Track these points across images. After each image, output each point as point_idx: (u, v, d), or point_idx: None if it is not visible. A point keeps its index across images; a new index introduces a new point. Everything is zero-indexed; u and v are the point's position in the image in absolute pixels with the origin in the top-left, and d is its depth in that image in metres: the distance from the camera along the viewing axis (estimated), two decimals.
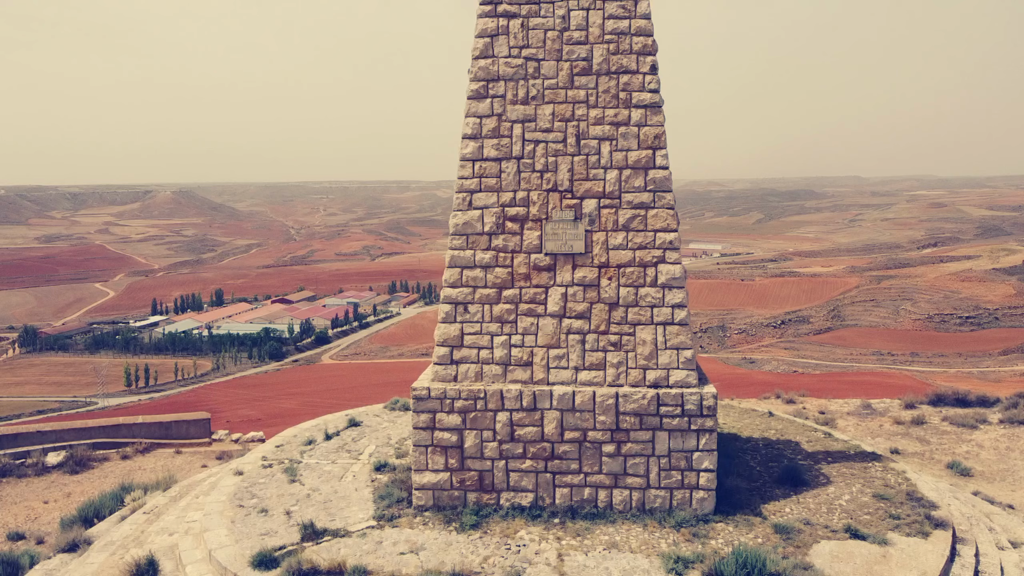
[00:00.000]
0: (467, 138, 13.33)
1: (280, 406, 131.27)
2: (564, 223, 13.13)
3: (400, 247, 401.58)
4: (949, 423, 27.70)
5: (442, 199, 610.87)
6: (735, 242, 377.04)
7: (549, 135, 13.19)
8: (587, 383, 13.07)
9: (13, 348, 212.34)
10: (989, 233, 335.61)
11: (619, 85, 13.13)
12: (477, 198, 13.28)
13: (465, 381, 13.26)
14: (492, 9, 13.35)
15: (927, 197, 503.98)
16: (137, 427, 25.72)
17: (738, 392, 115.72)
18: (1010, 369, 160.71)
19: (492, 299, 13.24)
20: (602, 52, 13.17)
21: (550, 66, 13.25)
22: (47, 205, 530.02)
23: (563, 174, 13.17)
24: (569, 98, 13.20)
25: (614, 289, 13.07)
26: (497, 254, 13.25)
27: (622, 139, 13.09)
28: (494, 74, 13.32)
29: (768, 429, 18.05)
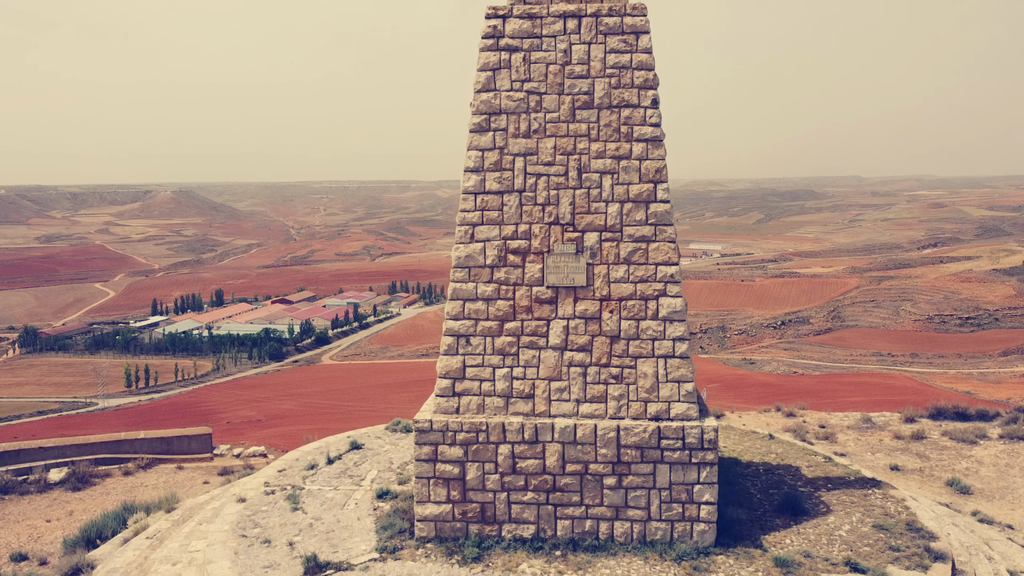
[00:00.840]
0: (469, 171, 13.40)
1: (280, 407, 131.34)
2: (566, 256, 13.20)
3: (400, 247, 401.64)
4: (949, 438, 27.79)
5: (442, 199, 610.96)
6: (735, 242, 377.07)
7: (551, 168, 13.26)
8: (589, 416, 13.14)
9: (13, 348, 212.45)
10: (989, 233, 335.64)
11: (620, 119, 13.20)
12: (479, 231, 13.35)
13: (467, 413, 13.33)
14: (494, 43, 13.41)
15: (927, 197, 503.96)
16: (139, 442, 25.79)
17: (738, 393, 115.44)
18: (1010, 370, 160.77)
19: (494, 331, 13.31)
20: (603, 86, 13.23)
21: (552, 100, 13.32)
22: (47, 205, 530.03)
23: (565, 207, 13.24)
24: (571, 132, 13.27)
25: (615, 322, 13.14)
26: (499, 287, 13.32)
27: (623, 173, 13.16)
28: (496, 107, 13.38)
29: (768, 453, 18.12)
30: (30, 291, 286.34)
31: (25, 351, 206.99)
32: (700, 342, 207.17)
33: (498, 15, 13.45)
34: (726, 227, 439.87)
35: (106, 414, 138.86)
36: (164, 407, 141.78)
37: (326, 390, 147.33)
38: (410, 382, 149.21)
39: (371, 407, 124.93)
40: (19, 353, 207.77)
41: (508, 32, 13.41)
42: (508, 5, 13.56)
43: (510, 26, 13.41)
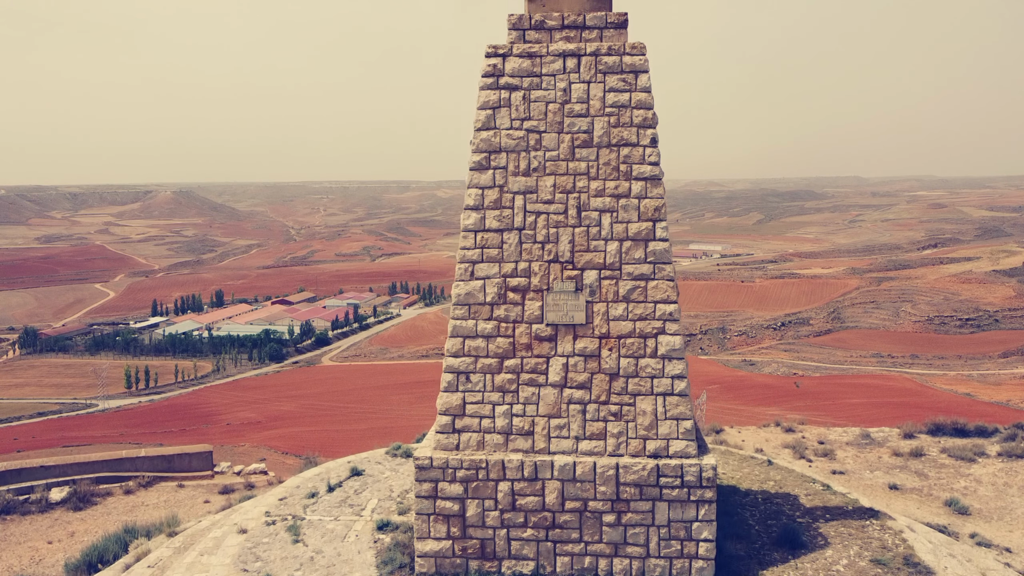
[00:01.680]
0: (469, 209, 13.48)
1: (280, 409, 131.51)
2: (565, 294, 13.28)
3: (400, 247, 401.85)
4: (947, 455, 27.86)
5: (442, 199, 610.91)
6: (735, 243, 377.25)
7: (550, 207, 13.34)
8: (588, 453, 13.22)
9: (13, 349, 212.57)
10: (989, 234, 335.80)
11: (620, 157, 13.28)
12: (479, 268, 13.43)
13: (467, 450, 13.41)
14: (494, 81, 13.49)
15: (927, 198, 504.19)
16: (140, 460, 25.87)
17: (738, 395, 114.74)
18: (1010, 372, 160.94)
19: (494, 369, 13.39)
20: (603, 125, 13.31)
21: (551, 138, 13.39)
22: (47, 205, 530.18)
23: (564, 245, 13.32)
24: (570, 170, 13.35)
25: (615, 360, 13.22)
26: (499, 324, 13.40)
27: (623, 211, 13.24)
28: (496, 146, 13.46)
29: (767, 480, 18.20)
30: (30, 292, 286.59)
31: (25, 352, 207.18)
32: (700, 343, 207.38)
33: (498, 54, 13.53)
34: (726, 227, 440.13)
35: (106, 415, 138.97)
36: (164, 408, 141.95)
37: (326, 391, 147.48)
38: (410, 383, 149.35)
39: (371, 408, 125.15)
40: (19, 354, 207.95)
41: (508, 71, 13.49)
42: (508, 44, 13.64)
43: (510, 65, 13.49)
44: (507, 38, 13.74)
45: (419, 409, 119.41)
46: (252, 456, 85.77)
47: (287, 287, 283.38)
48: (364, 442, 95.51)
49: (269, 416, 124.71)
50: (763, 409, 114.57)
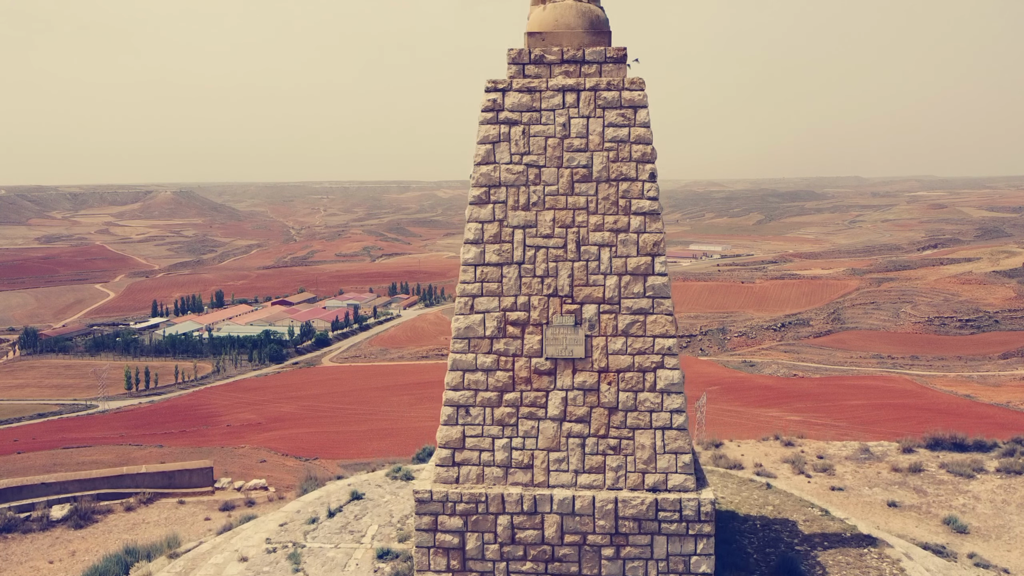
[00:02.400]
0: (469, 243, 13.54)
1: (280, 410, 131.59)
2: (564, 328, 13.35)
3: (400, 248, 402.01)
4: (946, 471, 27.93)
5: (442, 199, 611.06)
6: (735, 243, 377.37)
7: (550, 241, 13.41)
8: (587, 486, 13.29)
9: (13, 350, 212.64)
10: (989, 235, 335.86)
11: (619, 192, 13.34)
12: (479, 302, 13.50)
13: (467, 483, 13.48)
14: (494, 116, 13.55)
15: (927, 198, 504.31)
16: (140, 476, 25.96)
17: (738, 396, 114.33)
18: (1010, 373, 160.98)
19: (493, 402, 13.45)
20: (602, 160, 13.37)
21: (551, 173, 13.46)
22: (47, 205, 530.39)
23: (563, 279, 13.38)
24: (569, 204, 13.41)
25: (613, 394, 13.29)
26: (498, 358, 13.47)
27: (622, 246, 13.30)
28: (495, 180, 13.53)
29: (766, 505, 18.27)
30: (30, 292, 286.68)
31: (25, 353, 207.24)
32: (700, 344, 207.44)
33: (497, 88, 13.59)
34: (726, 228, 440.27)
35: (106, 417, 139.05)
36: (164, 410, 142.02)
37: (326, 392, 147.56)
38: (410, 384, 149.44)
39: (371, 410, 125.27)
40: (19, 355, 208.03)
41: (508, 105, 13.55)
42: (507, 78, 13.70)
43: (509, 99, 13.55)
44: (506, 72, 13.81)
45: (419, 410, 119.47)
46: (252, 458, 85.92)
47: (287, 287, 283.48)
48: (364, 444, 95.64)
49: (269, 417, 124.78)
50: (763, 411, 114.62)
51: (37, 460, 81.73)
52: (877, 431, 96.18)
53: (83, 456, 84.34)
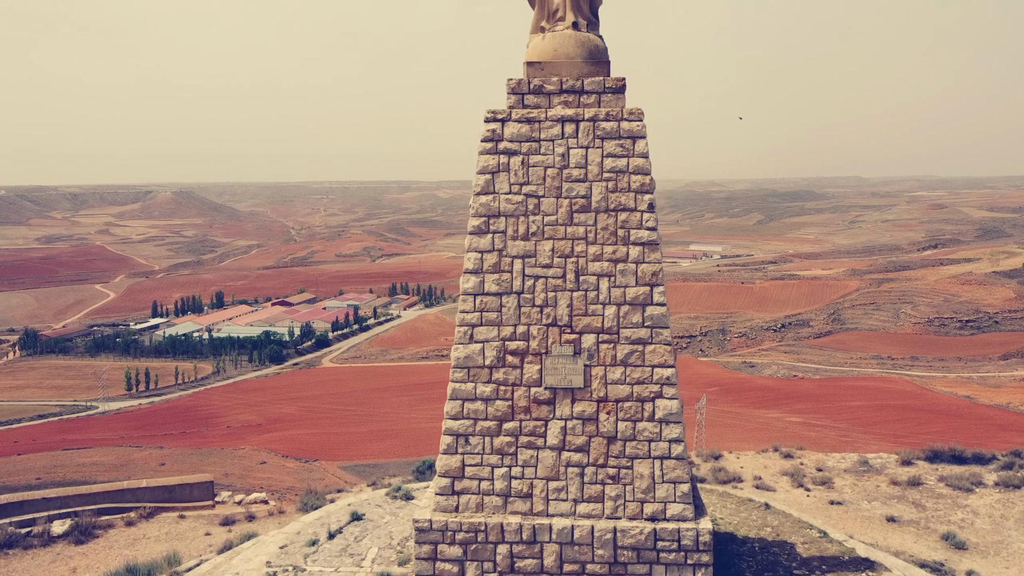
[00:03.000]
0: (469, 272, 13.59)
1: (280, 411, 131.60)
2: (564, 358, 13.40)
3: (400, 248, 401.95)
4: (945, 484, 27.96)
5: (442, 199, 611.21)
6: (735, 243, 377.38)
7: (549, 271, 13.46)
8: (586, 515, 13.35)
9: (14, 351, 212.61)
10: (989, 235, 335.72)
11: (617, 222, 13.40)
12: (478, 332, 13.55)
13: (466, 512, 13.53)
14: (493, 147, 13.60)
15: (927, 198, 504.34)
16: (141, 491, 26.00)
17: (738, 397, 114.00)
18: (1010, 374, 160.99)
19: (493, 431, 13.51)
20: (601, 190, 13.43)
21: (550, 203, 13.51)
22: (47, 205, 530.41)
23: (562, 309, 13.44)
24: (568, 234, 13.47)
25: (612, 423, 13.35)
26: (498, 387, 13.53)
27: (620, 276, 13.36)
28: (495, 210, 13.58)
29: (764, 527, 18.32)
30: (31, 292, 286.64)
31: (25, 353, 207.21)
32: (700, 345, 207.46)
33: (497, 119, 13.65)
34: (726, 228, 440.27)
35: (106, 418, 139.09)
36: (164, 411, 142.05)
37: (326, 394, 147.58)
38: (410, 385, 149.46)
39: (371, 411, 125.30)
40: (19, 355, 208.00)
41: (507, 136, 13.61)
42: (507, 109, 13.75)
43: (509, 130, 13.61)
44: (506, 102, 13.86)
45: (419, 412, 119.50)
46: (252, 459, 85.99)
47: (287, 288, 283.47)
48: (364, 445, 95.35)
49: (269, 418, 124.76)
50: (763, 412, 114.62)
51: (37, 462, 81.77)
52: (877, 432, 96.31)
53: (83, 458, 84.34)
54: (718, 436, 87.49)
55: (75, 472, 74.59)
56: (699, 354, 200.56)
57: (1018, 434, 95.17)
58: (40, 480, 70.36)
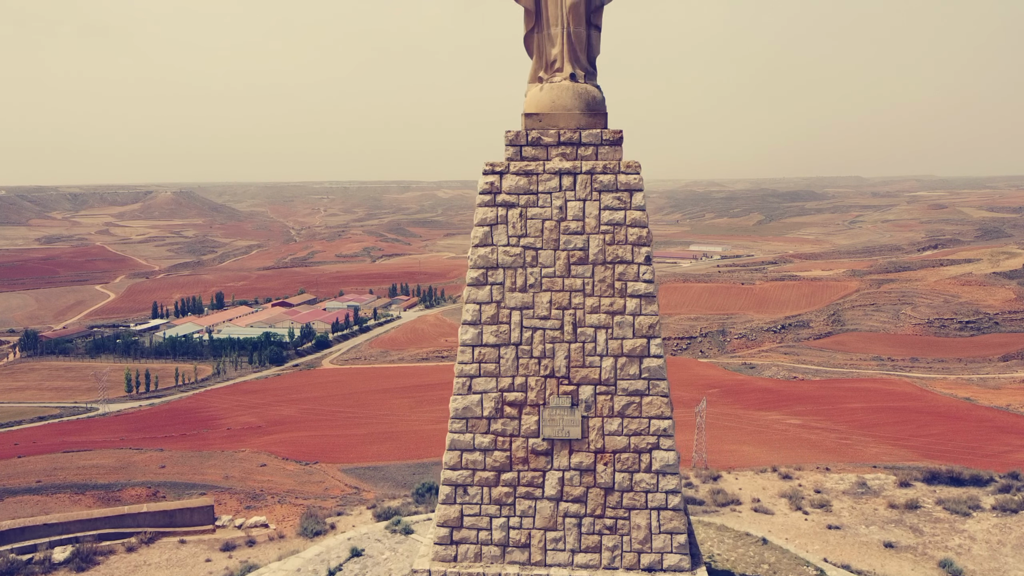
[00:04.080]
0: (467, 324, 13.68)
1: (280, 413, 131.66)
2: (561, 409, 13.50)
3: (400, 248, 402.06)
4: (943, 508, 28.06)
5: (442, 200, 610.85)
6: (735, 244, 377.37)
7: (547, 323, 13.56)
8: (583, 566, 13.45)
9: (14, 352, 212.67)
10: (990, 235, 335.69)
11: (615, 275, 13.48)
12: (476, 383, 13.64)
13: (464, 562, 13.63)
14: (491, 199, 13.69)
15: (927, 198, 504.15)
16: (142, 516, 26.10)
17: (738, 399, 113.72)
18: (1010, 376, 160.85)
19: (491, 482, 13.61)
20: (598, 242, 13.52)
21: (548, 255, 13.60)
22: (47, 206, 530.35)
23: (560, 361, 13.53)
24: (566, 287, 13.56)
25: (609, 475, 13.45)
26: (496, 438, 13.62)
27: (617, 328, 13.45)
28: (493, 262, 13.67)
29: (761, 563, 18.43)
30: (31, 293, 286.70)
31: (26, 355, 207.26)
32: (700, 346, 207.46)
33: (495, 171, 13.73)
34: (726, 228, 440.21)
35: (107, 420, 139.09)
36: (164, 413, 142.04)
37: (326, 395, 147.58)
38: (410, 387, 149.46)
39: (371, 413, 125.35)
40: (20, 357, 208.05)
41: (505, 188, 13.70)
42: (505, 161, 13.84)
43: (507, 182, 13.70)
44: (504, 154, 13.95)
45: (419, 414, 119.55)
46: (253, 462, 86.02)
47: (287, 289, 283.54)
48: (364, 448, 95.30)
49: (269, 420, 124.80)
50: (763, 414, 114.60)
51: (37, 464, 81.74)
52: (877, 435, 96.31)
53: (83, 460, 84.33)
54: (718, 439, 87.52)
55: (75, 475, 74.59)
56: (699, 355, 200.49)
57: (1018, 437, 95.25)
58: (40, 483, 70.40)
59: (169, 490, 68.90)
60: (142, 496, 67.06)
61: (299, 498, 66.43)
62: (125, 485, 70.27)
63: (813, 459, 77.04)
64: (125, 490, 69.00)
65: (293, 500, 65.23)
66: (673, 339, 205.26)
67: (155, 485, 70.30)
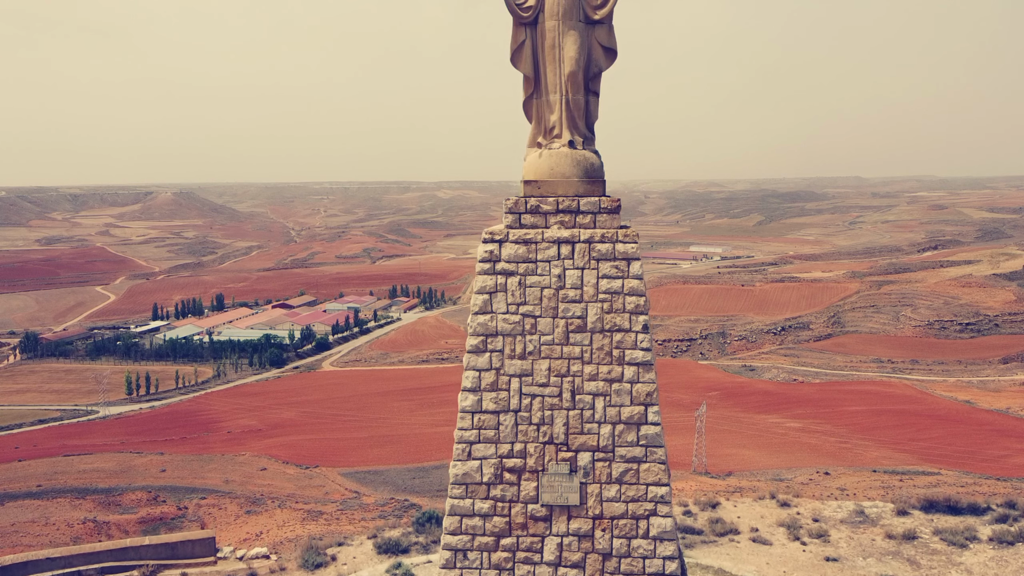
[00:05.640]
0: (466, 391, 13.83)
1: (281, 416, 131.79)
2: (560, 476, 13.65)
3: (400, 249, 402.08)
4: (940, 539, 28.20)
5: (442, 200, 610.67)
6: (736, 244, 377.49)
7: (545, 389, 13.70)
8: None
9: (14, 354, 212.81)
10: (990, 236, 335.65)
11: (612, 343, 13.63)
12: (476, 449, 13.80)
13: None
14: (491, 267, 13.83)
15: (928, 199, 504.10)
16: (144, 549, 26.26)
17: (738, 402, 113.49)
18: (1010, 378, 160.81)
19: (490, 547, 13.76)
20: (596, 311, 13.66)
21: (546, 323, 13.74)
22: (48, 207, 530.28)
23: (559, 427, 13.68)
24: (565, 354, 13.70)
25: (607, 540, 13.59)
26: (495, 504, 13.77)
27: (615, 395, 13.60)
28: (492, 330, 13.81)
29: None
30: (31, 294, 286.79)
31: (26, 357, 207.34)
32: (700, 348, 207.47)
33: (494, 240, 13.87)
34: (726, 229, 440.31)
35: (107, 423, 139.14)
36: (165, 416, 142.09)
37: (327, 398, 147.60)
38: (409, 390, 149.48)
39: (371, 416, 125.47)
40: (20, 359, 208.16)
41: (504, 256, 13.84)
42: (504, 230, 13.97)
43: (506, 251, 13.83)
44: (503, 221, 14.09)
45: (419, 417, 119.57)
46: (253, 465, 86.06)
47: (287, 290, 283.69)
48: (364, 451, 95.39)
49: (270, 424, 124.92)
50: (763, 417, 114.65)
51: (38, 468, 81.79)
52: (876, 438, 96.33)
53: (84, 464, 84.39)
54: (718, 443, 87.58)
55: (76, 479, 74.70)
56: (699, 357, 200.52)
57: (1017, 441, 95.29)
58: (40, 487, 70.48)
59: (169, 494, 69.02)
60: (142, 500, 67.12)
61: (299, 502, 66.50)
62: (125, 489, 70.36)
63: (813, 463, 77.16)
64: (125, 494, 69.09)
65: (293, 505, 65.29)
66: (673, 341, 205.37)
67: (155, 489, 70.39)
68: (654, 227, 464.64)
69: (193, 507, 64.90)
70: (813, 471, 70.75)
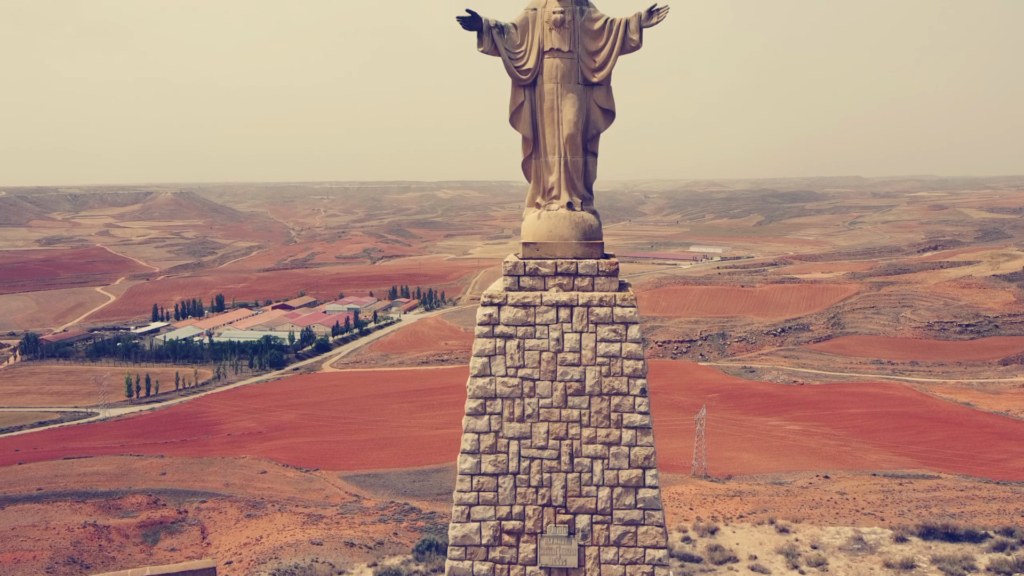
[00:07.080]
0: (466, 453, 13.90)
1: (281, 418, 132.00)
2: (558, 539, 13.72)
3: (401, 249, 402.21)
4: (938, 568, 28.28)
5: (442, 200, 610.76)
6: (736, 245, 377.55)
7: (544, 452, 13.77)
8: None
9: (14, 355, 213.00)
10: (989, 236, 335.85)
11: (611, 406, 13.69)
12: (475, 511, 13.86)
13: None
14: (490, 330, 13.89)
15: (927, 199, 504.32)
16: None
17: (738, 404, 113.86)
18: (1010, 380, 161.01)
19: None
20: (595, 374, 13.72)
21: (545, 386, 13.81)
22: (48, 207, 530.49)
23: (557, 490, 13.75)
24: (563, 417, 13.77)
25: None
26: (494, 566, 13.84)
27: (614, 459, 13.67)
28: (491, 392, 13.88)
29: None
30: (31, 295, 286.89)
31: (26, 358, 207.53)
32: (700, 349, 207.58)
33: (493, 303, 13.93)
34: (726, 229, 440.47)
35: (107, 425, 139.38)
36: (165, 418, 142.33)
37: (327, 400, 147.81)
38: (410, 391, 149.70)
39: (372, 418, 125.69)
40: (20, 360, 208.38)
41: (503, 320, 13.90)
42: (503, 292, 14.03)
43: (505, 314, 13.90)
44: (502, 284, 14.14)
45: (419, 419, 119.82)
46: (253, 468, 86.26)
47: (287, 291, 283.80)
48: (365, 454, 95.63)
49: (270, 426, 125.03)
50: (763, 420, 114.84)
51: (38, 471, 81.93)
52: (876, 441, 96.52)
53: (84, 467, 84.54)
54: (718, 445, 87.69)
55: (76, 482, 74.83)
56: (699, 359, 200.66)
57: (1017, 443, 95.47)
58: (41, 491, 70.58)
59: (170, 498, 69.21)
60: (143, 504, 67.23)
61: (299, 506, 66.65)
62: (126, 493, 70.52)
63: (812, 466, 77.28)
64: (126, 498, 69.25)
65: (293, 508, 65.43)
66: (673, 342, 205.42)
67: (155, 492, 70.56)
68: (654, 227, 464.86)
69: (193, 511, 65.09)
70: (813, 475, 70.89)
